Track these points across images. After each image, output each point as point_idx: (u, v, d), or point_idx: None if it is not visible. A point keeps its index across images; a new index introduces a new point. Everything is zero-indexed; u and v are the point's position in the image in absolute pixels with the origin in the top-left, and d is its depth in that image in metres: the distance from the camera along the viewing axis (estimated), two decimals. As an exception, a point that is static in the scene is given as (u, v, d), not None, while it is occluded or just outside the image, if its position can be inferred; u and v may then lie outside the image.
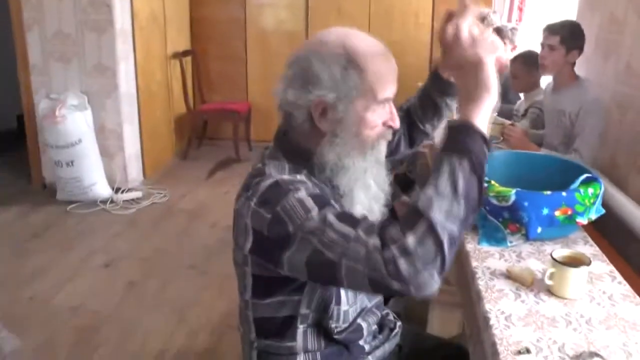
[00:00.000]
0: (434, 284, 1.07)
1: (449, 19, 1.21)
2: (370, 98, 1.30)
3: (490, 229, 1.86)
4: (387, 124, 1.36)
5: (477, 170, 1.12)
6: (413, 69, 4.99)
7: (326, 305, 1.38)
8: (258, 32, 6.40)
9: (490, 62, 1.17)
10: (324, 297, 1.37)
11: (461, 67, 1.20)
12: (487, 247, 1.85)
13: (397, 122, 1.37)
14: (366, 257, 1.09)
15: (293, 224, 1.18)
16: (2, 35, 5.52)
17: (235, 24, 6.39)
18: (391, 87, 1.33)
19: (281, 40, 6.35)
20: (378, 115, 1.33)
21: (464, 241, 1.87)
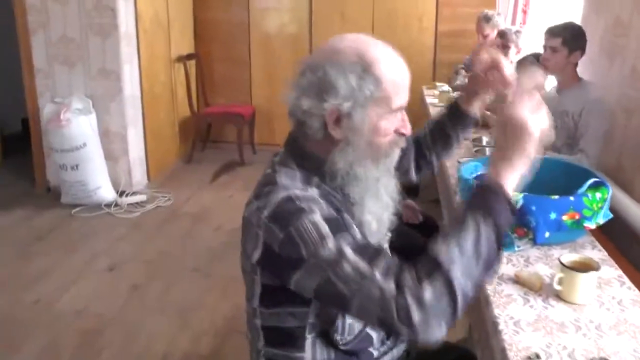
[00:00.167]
0: (441, 334, 1.11)
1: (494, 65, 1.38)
2: (385, 106, 1.29)
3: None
4: (400, 132, 1.35)
5: (500, 239, 1.17)
6: (416, 73, 4.92)
7: (333, 318, 1.37)
8: (262, 35, 6.40)
9: (538, 136, 1.20)
10: (330, 310, 1.36)
11: (509, 125, 1.22)
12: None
13: (408, 129, 1.36)
14: (380, 299, 1.12)
15: (306, 248, 1.18)
16: (7, 39, 5.53)
17: (239, 27, 6.39)
18: (405, 95, 1.33)
19: (285, 44, 6.36)
20: (391, 123, 1.32)
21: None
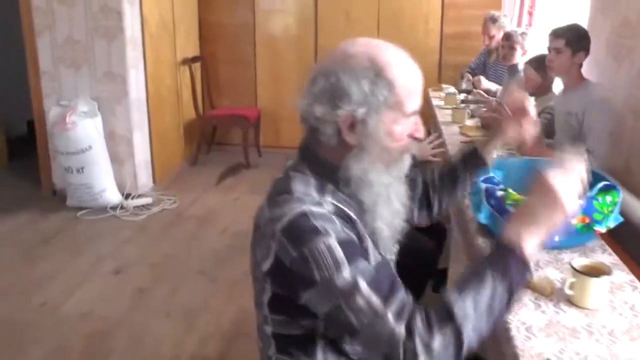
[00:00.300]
0: None
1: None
2: (399, 111, 1.28)
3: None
4: (413, 136, 1.34)
5: (512, 302, 1.21)
6: (422, 75, 4.96)
7: (341, 333, 1.35)
8: (267, 37, 6.39)
9: (570, 213, 1.23)
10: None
11: (543, 189, 1.23)
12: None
13: (421, 133, 1.36)
14: (389, 339, 1.15)
15: (320, 273, 1.18)
16: (13, 41, 5.53)
17: (244, 29, 6.39)
18: (418, 98, 1.32)
19: (290, 46, 6.35)
20: (405, 128, 1.31)
21: (482, 250, 1.84)
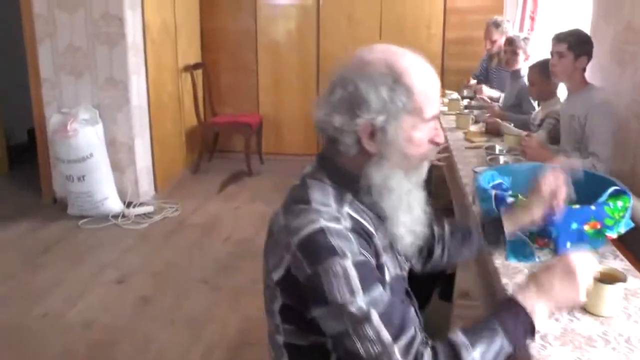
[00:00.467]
0: None
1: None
2: (418, 117, 1.27)
3: (517, 244, 1.81)
4: (433, 141, 1.33)
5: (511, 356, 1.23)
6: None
7: None
8: (269, 43, 6.38)
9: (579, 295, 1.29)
10: None
11: (564, 267, 1.29)
12: (515, 263, 1.79)
13: (441, 138, 1.34)
14: None
15: (333, 295, 1.17)
16: (13, 49, 5.52)
17: (246, 35, 6.38)
18: (437, 104, 1.31)
19: (292, 52, 6.35)
20: (424, 133, 1.30)
21: (492, 257, 1.82)
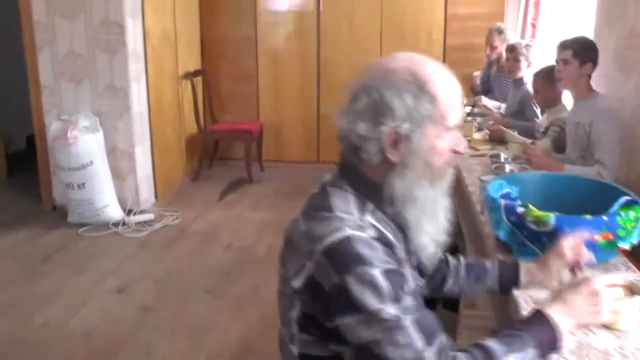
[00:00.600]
0: None
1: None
2: (441, 125, 1.26)
3: (527, 255, 1.78)
4: (454, 150, 1.32)
5: None
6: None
7: None
8: (269, 50, 6.37)
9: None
10: None
11: (587, 289, 1.34)
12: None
13: (462, 147, 1.34)
14: None
15: (362, 303, 1.15)
16: (12, 56, 5.51)
17: (246, 42, 6.36)
18: (459, 112, 1.30)
19: (292, 59, 6.33)
20: (447, 142, 1.29)
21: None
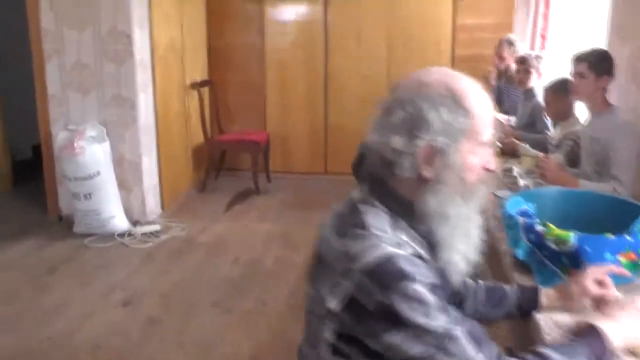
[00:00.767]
0: None
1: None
2: (475, 140, 1.24)
3: (547, 276, 1.74)
4: (486, 167, 1.28)
5: None
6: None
7: None
8: (277, 61, 6.35)
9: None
10: None
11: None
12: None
13: (493, 164, 1.30)
14: None
15: (411, 318, 1.13)
16: (19, 65, 5.50)
17: (254, 53, 6.36)
18: (491, 128, 1.27)
19: (300, 69, 6.31)
20: (479, 158, 1.26)
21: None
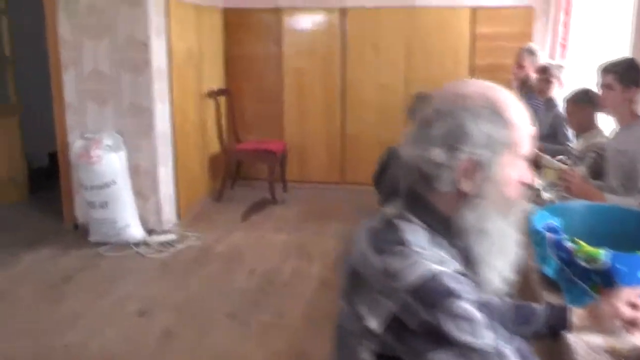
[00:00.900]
0: None
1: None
2: (514, 153, 1.21)
3: (577, 294, 1.68)
4: (523, 181, 1.25)
5: None
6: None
7: None
8: (294, 70, 6.32)
9: None
10: None
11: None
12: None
13: (529, 179, 1.27)
14: None
15: (458, 336, 1.09)
16: (36, 73, 5.53)
17: (271, 62, 6.33)
18: (529, 142, 1.24)
19: (317, 79, 6.28)
20: (518, 172, 1.23)
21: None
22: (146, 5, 4.63)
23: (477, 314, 1.10)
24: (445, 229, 1.23)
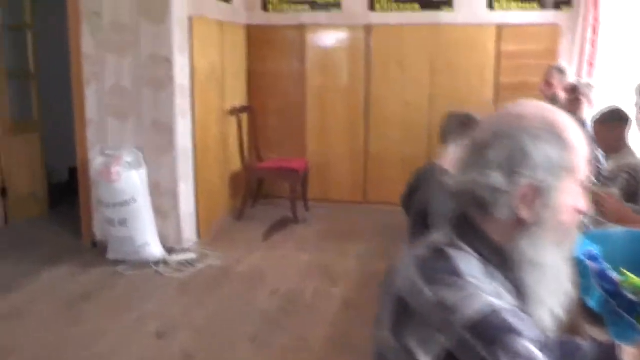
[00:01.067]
0: None
1: None
2: (573, 178, 1.14)
3: (623, 328, 1.58)
4: (579, 209, 1.18)
5: None
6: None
7: None
8: (317, 88, 6.27)
9: None
10: None
11: None
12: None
13: (585, 206, 1.19)
14: None
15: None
16: (57, 88, 5.54)
17: (294, 78, 6.29)
18: (586, 164, 1.17)
19: (341, 97, 6.23)
20: (574, 198, 1.16)
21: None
22: (170, 22, 4.61)
23: (539, 354, 1.03)
24: (499, 259, 1.16)
